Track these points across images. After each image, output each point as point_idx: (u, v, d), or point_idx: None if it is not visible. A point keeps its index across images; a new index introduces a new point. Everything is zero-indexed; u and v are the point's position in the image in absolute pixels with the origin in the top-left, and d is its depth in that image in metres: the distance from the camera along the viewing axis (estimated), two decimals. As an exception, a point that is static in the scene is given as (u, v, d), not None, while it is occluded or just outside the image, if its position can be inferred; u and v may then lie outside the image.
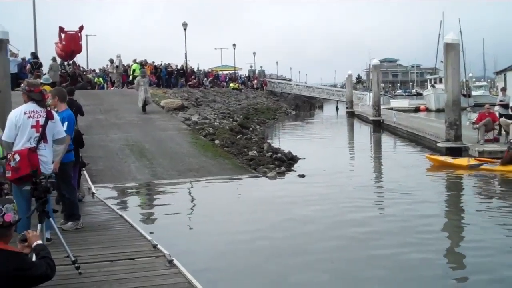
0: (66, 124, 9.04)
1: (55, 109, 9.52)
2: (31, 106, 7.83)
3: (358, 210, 13.35)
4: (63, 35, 38.43)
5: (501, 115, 22.47)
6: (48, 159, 7.78)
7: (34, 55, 35.30)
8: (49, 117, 7.77)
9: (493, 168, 18.14)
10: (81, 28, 39.38)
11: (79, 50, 40.65)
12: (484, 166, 18.31)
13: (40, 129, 7.72)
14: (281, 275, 8.92)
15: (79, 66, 43.22)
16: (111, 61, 43.46)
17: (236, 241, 10.73)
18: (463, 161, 19.20)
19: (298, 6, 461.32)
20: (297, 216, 12.72)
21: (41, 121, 7.74)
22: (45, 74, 28.12)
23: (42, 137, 7.72)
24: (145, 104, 28.99)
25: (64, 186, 9.34)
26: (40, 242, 4.88)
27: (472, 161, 18.90)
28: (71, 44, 38.33)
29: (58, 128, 8.04)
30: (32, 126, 7.72)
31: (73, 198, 9.76)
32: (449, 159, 19.82)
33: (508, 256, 9.82)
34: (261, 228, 11.76)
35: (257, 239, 10.85)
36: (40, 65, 34.10)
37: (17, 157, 7.50)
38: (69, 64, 39.33)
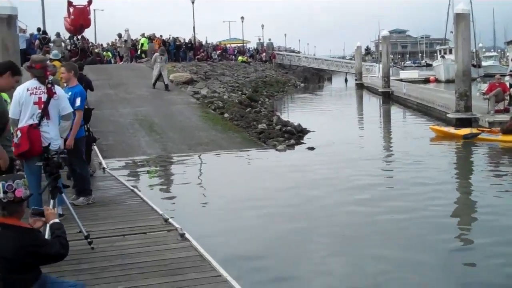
0: (79, 99, 9.09)
1: (65, 84, 9.56)
2: (34, 82, 7.82)
3: (366, 178, 13.60)
4: (71, 10, 37.75)
5: (511, 85, 22.34)
6: (53, 135, 7.72)
7: (43, 30, 35.25)
8: (49, 94, 7.75)
9: (493, 138, 18.21)
10: (89, 2, 38.58)
11: (88, 24, 39.98)
12: (482, 136, 18.38)
13: (42, 105, 7.72)
14: (291, 248, 8.97)
15: (88, 40, 42.72)
16: (119, 35, 43.08)
17: (247, 214, 10.77)
18: (465, 131, 19.20)
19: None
20: (306, 188, 12.82)
21: (44, 97, 7.72)
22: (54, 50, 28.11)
23: (44, 114, 7.71)
24: (162, 82, 28.38)
25: (75, 161, 9.34)
26: (57, 220, 4.90)
27: (475, 131, 18.92)
28: (80, 18, 37.75)
29: (63, 104, 7.97)
30: (35, 103, 7.70)
31: (85, 173, 9.81)
32: (452, 130, 19.92)
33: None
34: (271, 201, 11.81)
35: (267, 212, 10.90)
36: (49, 40, 34.04)
37: (19, 134, 7.52)
38: (78, 39, 39.05)
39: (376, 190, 12.56)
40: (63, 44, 35.90)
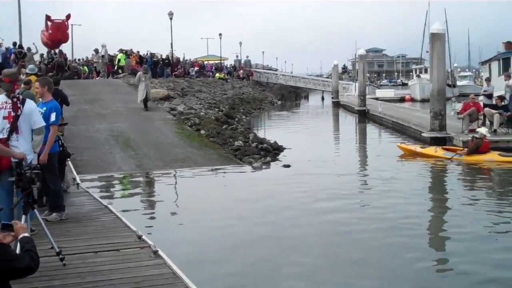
0: (53, 114, 9.00)
1: (40, 98, 9.49)
2: (3, 97, 7.77)
3: (340, 197, 13.60)
4: (49, 24, 37.45)
5: (485, 105, 22.62)
6: (23, 150, 7.62)
7: (19, 45, 34.99)
8: (14, 109, 7.67)
9: (460, 158, 18.62)
10: (68, 16, 38.31)
11: (65, 39, 39.68)
12: (455, 157, 18.74)
13: (11, 119, 7.64)
14: (265, 263, 8.95)
15: (65, 55, 42.26)
16: (96, 50, 42.80)
17: (221, 231, 10.73)
18: (430, 150, 19.70)
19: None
20: (281, 206, 12.75)
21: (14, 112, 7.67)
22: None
23: (14, 128, 7.62)
24: (146, 100, 27.74)
25: (49, 176, 9.25)
26: (26, 234, 4.84)
27: (439, 150, 19.47)
28: (57, 33, 37.42)
29: (35, 118, 7.86)
30: (4, 117, 7.63)
31: (58, 189, 9.73)
32: (418, 148, 20.45)
33: (485, 239, 10.02)
34: (246, 218, 11.80)
35: (242, 230, 10.89)
36: (25, 55, 33.78)
37: None
38: (55, 53, 38.63)
39: (349, 207, 12.62)
40: (35, 58, 35.53)
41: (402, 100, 63.61)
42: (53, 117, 8.98)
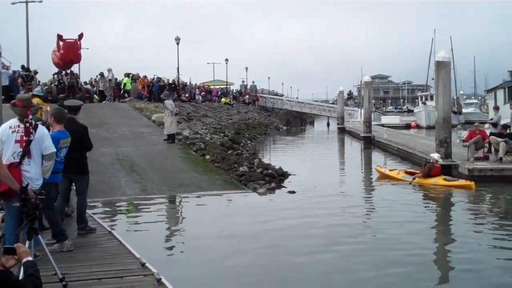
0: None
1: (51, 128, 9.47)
2: (16, 121, 7.82)
3: (344, 224, 13.63)
4: (61, 43, 36.84)
5: (491, 134, 22.59)
6: (33, 175, 7.64)
7: (26, 68, 35.18)
8: (26, 133, 7.70)
9: (418, 181, 20.17)
10: (80, 36, 37.54)
11: (78, 59, 39.06)
12: (402, 177, 20.95)
13: (24, 144, 7.67)
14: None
15: (76, 75, 41.08)
16: (102, 74, 42.73)
17: (226, 260, 10.67)
18: (394, 173, 21.82)
19: (288, 21, 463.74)
20: (286, 234, 12.69)
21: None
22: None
23: (26, 152, 7.66)
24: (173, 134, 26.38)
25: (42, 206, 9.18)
26: (30, 258, 4.82)
27: (401, 173, 21.42)
28: (69, 53, 36.77)
29: (46, 144, 7.90)
30: (16, 141, 7.67)
31: (52, 218, 9.38)
32: (387, 171, 22.40)
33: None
34: (250, 245, 11.73)
35: (246, 258, 10.81)
36: (32, 78, 33.96)
37: None
38: (66, 74, 38.07)
39: (352, 235, 12.60)
40: (39, 83, 35.47)
41: (407, 127, 63.62)
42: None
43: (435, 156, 20.84)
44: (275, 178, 20.09)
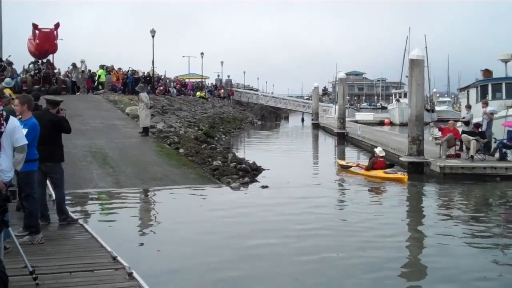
0: (26, 131, 8.83)
1: (19, 116, 9.36)
2: None
3: (316, 220, 13.68)
4: (37, 33, 35.89)
5: (463, 132, 22.85)
6: (4, 167, 7.51)
7: (-1, 58, 34.68)
8: None
9: (360, 172, 21.85)
10: (56, 25, 36.75)
11: (54, 50, 37.75)
12: (353, 169, 22.39)
13: None
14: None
15: (53, 65, 39.05)
16: (74, 65, 41.83)
17: (197, 253, 10.69)
18: (342, 162, 24.22)
19: (264, 16, 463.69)
20: (258, 228, 12.78)
21: None
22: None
23: None
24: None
25: (24, 194, 9.18)
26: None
27: (353, 166, 22.91)
28: (45, 43, 35.95)
29: (17, 136, 7.74)
30: None
31: (32, 208, 9.42)
32: (341, 161, 24.52)
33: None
34: (221, 239, 11.74)
35: (219, 252, 10.83)
36: (4, 68, 33.44)
37: None
38: (42, 63, 37.00)
39: (323, 227, 12.78)
40: (16, 72, 34.88)
41: (381, 123, 64.21)
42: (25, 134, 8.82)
43: (378, 150, 22.51)
44: (248, 173, 20.14)
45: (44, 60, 37.53)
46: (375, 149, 23.06)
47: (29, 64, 38.03)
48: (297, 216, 14.05)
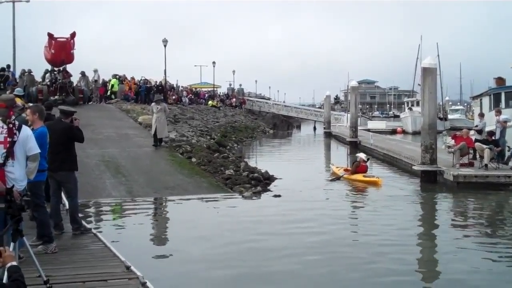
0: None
1: (30, 126, 9.39)
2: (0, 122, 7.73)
3: (327, 229, 13.67)
4: (52, 42, 34.52)
5: (476, 140, 22.73)
6: (17, 176, 7.53)
7: (1, 67, 34.56)
8: (9, 134, 7.61)
9: (345, 176, 22.97)
10: (73, 35, 35.23)
11: (70, 60, 36.01)
12: (344, 176, 23.09)
13: (7, 145, 7.59)
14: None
15: (69, 74, 37.17)
16: (83, 73, 40.03)
17: (210, 264, 10.66)
18: (337, 170, 24.45)
19: (275, 24, 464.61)
20: (271, 238, 12.73)
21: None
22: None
23: (9, 154, 7.57)
24: (156, 135, 25.57)
25: (33, 206, 9.19)
26: (14, 263, 4.77)
27: (341, 171, 23.98)
28: (61, 53, 34.53)
29: (30, 145, 7.78)
30: (0, 142, 7.59)
31: (42, 217, 9.44)
32: (334, 168, 25.29)
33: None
34: (235, 249, 11.72)
35: (232, 262, 10.81)
36: (7, 77, 33.30)
37: None
38: (59, 72, 35.58)
39: (336, 239, 12.74)
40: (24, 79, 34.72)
41: (393, 132, 63.97)
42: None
43: (361, 155, 24.08)
44: (261, 182, 20.12)
45: (61, 69, 36.12)
46: (357, 155, 24.86)
47: (45, 73, 37.14)
48: (310, 229, 13.85)
